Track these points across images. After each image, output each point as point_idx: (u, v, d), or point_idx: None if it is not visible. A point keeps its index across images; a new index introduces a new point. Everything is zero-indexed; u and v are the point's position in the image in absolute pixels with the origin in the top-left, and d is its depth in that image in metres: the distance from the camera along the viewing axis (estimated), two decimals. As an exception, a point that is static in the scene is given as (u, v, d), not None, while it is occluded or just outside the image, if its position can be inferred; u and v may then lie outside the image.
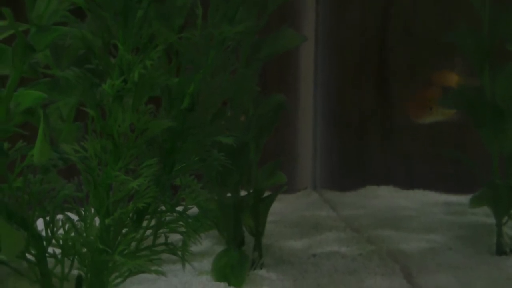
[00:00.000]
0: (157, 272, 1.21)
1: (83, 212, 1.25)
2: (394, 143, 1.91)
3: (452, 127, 1.71)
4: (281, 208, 1.60)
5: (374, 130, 2.00)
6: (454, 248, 1.62)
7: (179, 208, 1.33)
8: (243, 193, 1.66)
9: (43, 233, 1.26)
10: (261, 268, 1.53)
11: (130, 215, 1.24)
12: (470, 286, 1.50)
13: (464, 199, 1.67)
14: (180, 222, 1.30)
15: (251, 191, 1.60)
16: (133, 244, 1.24)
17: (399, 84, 2.03)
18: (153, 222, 1.28)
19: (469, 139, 1.74)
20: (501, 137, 1.60)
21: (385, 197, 1.90)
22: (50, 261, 1.27)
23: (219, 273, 1.44)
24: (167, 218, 1.30)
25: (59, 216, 1.33)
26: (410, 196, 1.89)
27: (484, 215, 1.61)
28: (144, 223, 1.27)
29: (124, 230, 1.23)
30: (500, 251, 1.58)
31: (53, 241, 1.25)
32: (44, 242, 1.25)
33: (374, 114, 2.05)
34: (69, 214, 1.25)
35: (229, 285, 1.42)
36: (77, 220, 1.24)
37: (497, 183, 1.58)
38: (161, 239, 1.28)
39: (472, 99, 1.53)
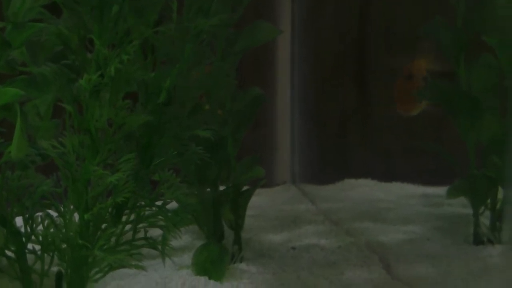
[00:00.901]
0: (137, 267, 1.21)
1: (62, 208, 1.24)
2: (372, 137, 1.91)
3: (429, 121, 1.72)
4: (260, 202, 1.61)
5: (352, 125, 2.00)
6: (432, 239, 1.63)
7: (159, 203, 1.33)
8: (222, 187, 1.57)
9: (22, 230, 1.26)
10: (241, 262, 1.54)
11: (109, 210, 1.23)
12: (447, 275, 1.50)
13: (441, 190, 1.68)
14: (160, 217, 1.30)
15: (230, 185, 1.60)
16: (113, 239, 1.24)
17: (375, 79, 2.03)
18: (132, 217, 1.28)
19: (446, 133, 1.73)
20: (477, 127, 1.60)
21: (364, 190, 1.91)
22: (30, 258, 1.26)
23: (200, 267, 1.45)
24: (147, 212, 1.30)
25: (39, 213, 1.37)
26: (388, 189, 1.89)
27: (461, 206, 1.63)
28: (124, 218, 1.26)
29: (103, 225, 1.23)
30: (477, 241, 1.59)
31: (33, 237, 1.24)
32: (23, 239, 1.25)
33: (351, 109, 2.05)
34: (48, 210, 1.25)
35: (209, 279, 1.43)
36: (56, 216, 1.24)
37: (474, 173, 1.54)
38: (141, 234, 1.27)
39: (448, 91, 1.53)
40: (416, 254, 1.58)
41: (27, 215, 1.28)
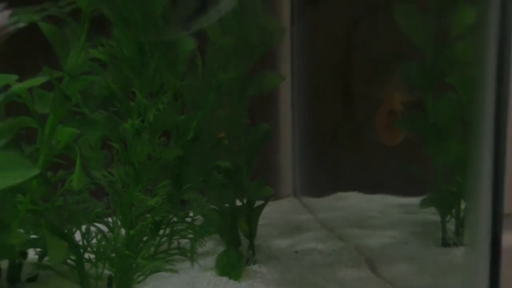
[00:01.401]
0: (171, 271, 1.29)
1: (111, 225, 1.32)
2: (358, 156, 1.90)
3: (405, 144, 1.71)
4: (269, 213, 1.61)
5: (342, 144, 2.00)
6: (409, 242, 1.66)
7: (188, 219, 1.41)
8: (238, 203, 1.60)
9: (80, 243, 1.32)
10: (254, 264, 1.55)
11: (149, 226, 1.30)
12: (421, 272, 1.52)
13: (416, 201, 1.66)
14: (189, 230, 1.41)
15: (244, 202, 1.61)
16: (152, 249, 1.32)
17: (360, 103, 2.02)
18: (167, 231, 1.38)
19: (419, 155, 1.72)
20: (443, 152, 1.56)
21: (352, 201, 1.91)
22: (87, 265, 1.33)
23: (221, 269, 1.46)
24: (179, 227, 1.39)
25: (93, 229, 1.36)
26: (372, 200, 1.90)
27: (431, 214, 1.61)
28: (160, 232, 1.36)
29: (144, 238, 1.31)
30: (445, 243, 1.61)
31: (88, 249, 1.31)
32: (81, 250, 1.31)
33: (341, 131, 2.04)
34: (100, 226, 1.33)
35: (229, 278, 1.44)
36: (107, 231, 1.31)
37: (441, 189, 1.57)
38: (174, 244, 1.37)
39: (420, 123, 1.58)
40: (396, 255, 1.60)
41: (84, 231, 1.34)
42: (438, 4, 1.59)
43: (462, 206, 1.61)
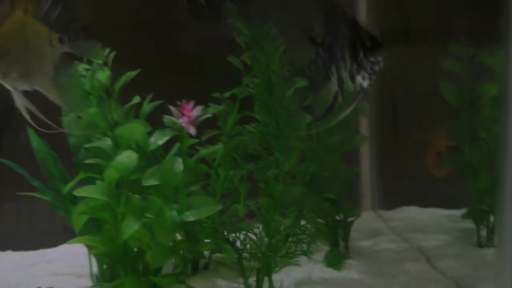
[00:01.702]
0: (295, 264, 1.36)
1: (259, 235, 1.38)
2: (417, 179, 1.86)
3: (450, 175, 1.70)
4: (356, 222, 1.63)
5: (405, 169, 1.90)
6: (454, 244, 1.64)
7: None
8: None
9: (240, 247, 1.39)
10: (348, 259, 1.57)
11: (283, 236, 1.35)
12: (463, 266, 1.49)
13: (458, 213, 1.69)
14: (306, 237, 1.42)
15: (342, 217, 1.59)
16: (284, 250, 1.36)
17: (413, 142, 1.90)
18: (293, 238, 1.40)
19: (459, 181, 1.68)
20: (476, 182, 1.58)
21: (412, 213, 1.91)
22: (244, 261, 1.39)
23: (328, 263, 1.51)
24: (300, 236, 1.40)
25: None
26: (427, 212, 1.89)
27: (469, 223, 1.64)
28: (289, 239, 1.39)
29: (279, 244, 1.35)
30: (480, 245, 1.60)
31: (245, 251, 1.38)
32: (240, 251, 1.38)
33: (402, 159, 1.93)
34: (252, 236, 1.39)
35: (333, 269, 1.48)
36: (256, 240, 1.37)
37: (475, 207, 1.60)
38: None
39: (459, 161, 1.61)
40: (445, 253, 1.58)
41: (242, 239, 1.40)
42: (470, 81, 1.57)
43: (491, 219, 1.57)
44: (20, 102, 1.04)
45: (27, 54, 1.00)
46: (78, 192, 1.18)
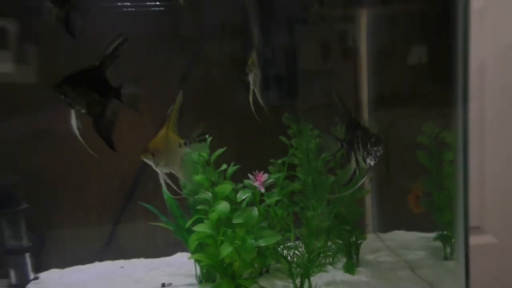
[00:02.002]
0: (325, 271, 1.37)
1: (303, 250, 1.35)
2: (403, 211, 1.73)
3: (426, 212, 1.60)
4: (363, 243, 1.58)
5: (395, 205, 1.78)
6: (429, 258, 1.61)
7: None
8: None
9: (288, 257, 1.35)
10: (359, 267, 1.55)
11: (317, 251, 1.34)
12: (436, 273, 1.47)
13: (432, 236, 1.63)
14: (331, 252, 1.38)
15: (354, 239, 1.57)
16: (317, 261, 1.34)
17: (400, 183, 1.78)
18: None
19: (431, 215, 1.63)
20: (442, 218, 1.54)
21: (402, 235, 1.82)
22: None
23: (345, 269, 1.52)
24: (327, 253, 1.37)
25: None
26: (411, 235, 1.77)
27: (439, 243, 1.57)
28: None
29: (314, 256, 1.34)
30: (446, 258, 1.54)
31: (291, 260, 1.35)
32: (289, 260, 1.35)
33: (395, 196, 1.82)
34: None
35: (349, 274, 1.50)
36: (300, 255, 1.35)
37: (442, 233, 1.54)
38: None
39: (430, 202, 1.60)
40: (423, 264, 1.56)
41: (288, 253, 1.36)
42: (436, 150, 1.53)
43: (452, 241, 1.50)
44: (162, 178, 1.21)
45: (168, 152, 1.14)
46: (195, 228, 1.29)
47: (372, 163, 1.09)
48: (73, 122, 0.97)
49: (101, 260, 1.67)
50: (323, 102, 1.72)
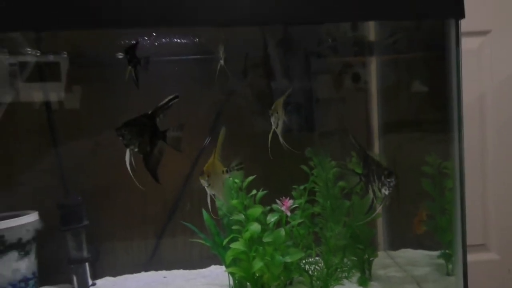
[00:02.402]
0: (342, 284, 1.49)
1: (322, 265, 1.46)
2: (410, 232, 1.73)
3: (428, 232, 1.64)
4: (375, 259, 1.63)
5: (403, 226, 1.79)
6: (433, 273, 1.64)
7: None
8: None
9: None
10: (371, 281, 1.59)
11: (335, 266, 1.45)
12: (439, 287, 1.55)
13: (435, 254, 1.66)
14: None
15: (367, 257, 1.63)
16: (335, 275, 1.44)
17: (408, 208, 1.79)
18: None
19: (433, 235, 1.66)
20: (443, 237, 1.59)
21: (409, 253, 1.83)
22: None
23: (360, 283, 1.59)
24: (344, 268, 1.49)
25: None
26: (417, 253, 1.76)
27: (442, 261, 1.62)
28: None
29: (332, 270, 1.44)
30: (448, 274, 1.58)
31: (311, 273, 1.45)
32: (309, 274, 1.45)
33: (403, 218, 1.82)
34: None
35: (363, 287, 1.56)
36: (320, 269, 1.46)
37: (444, 252, 1.58)
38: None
39: (434, 224, 1.63)
40: (428, 279, 1.59)
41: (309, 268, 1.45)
42: (439, 178, 1.56)
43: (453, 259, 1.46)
44: (209, 198, 1.30)
45: (215, 177, 1.23)
46: (231, 245, 1.44)
47: (386, 192, 1.13)
48: (127, 158, 1.12)
49: (146, 270, 1.83)
50: (340, 134, 1.89)
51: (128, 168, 1.13)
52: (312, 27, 1.64)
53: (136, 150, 1.14)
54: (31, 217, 1.57)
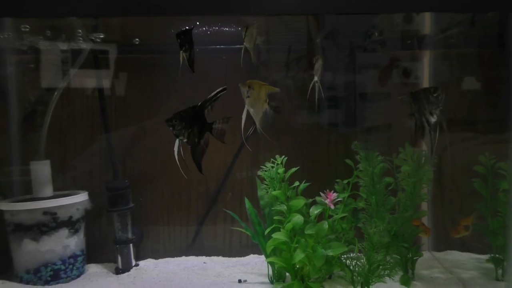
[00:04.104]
0: (384, 282, 1.43)
1: (364, 261, 1.39)
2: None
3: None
4: (419, 259, 1.57)
5: (449, 228, 1.70)
6: (481, 277, 1.57)
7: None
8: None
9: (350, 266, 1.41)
10: (414, 281, 1.56)
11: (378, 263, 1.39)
12: None
13: (484, 257, 1.62)
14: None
15: (411, 256, 1.58)
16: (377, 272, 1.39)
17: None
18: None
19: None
20: (495, 241, 1.53)
21: (454, 255, 1.82)
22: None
23: (402, 282, 1.54)
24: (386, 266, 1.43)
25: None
26: (464, 255, 1.72)
27: (491, 265, 1.57)
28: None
29: (375, 269, 1.40)
30: (497, 279, 1.53)
31: (352, 268, 1.42)
32: (351, 269, 1.41)
33: (449, 219, 1.79)
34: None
35: (405, 287, 1.51)
36: (362, 265, 1.41)
37: (495, 256, 1.53)
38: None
39: (485, 227, 1.56)
40: (476, 283, 1.54)
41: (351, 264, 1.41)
42: (492, 179, 1.52)
43: (504, 264, 1.51)
44: (245, 112, 1.29)
45: (258, 97, 1.27)
46: (273, 235, 1.42)
47: (438, 112, 1.17)
48: (176, 148, 1.16)
49: (187, 255, 1.86)
50: (387, 128, 1.85)
51: (176, 157, 1.16)
52: (361, 18, 1.68)
53: (185, 141, 1.17)
54: (81, 197, 1.60)
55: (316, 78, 1.41)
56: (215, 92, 1.19)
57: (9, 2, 1.01)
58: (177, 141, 1.16)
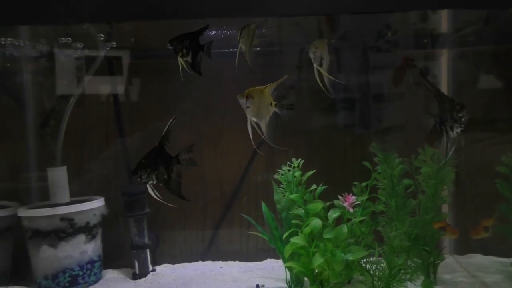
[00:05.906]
0: (405, 286, 1.41)
1: (383, 265, 1.39)
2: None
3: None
4: (441, 263, 1.56)
5: (470, 231, 1.58)
6: (505, 281, 1.54)
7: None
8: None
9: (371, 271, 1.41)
10: (436, 285, 1.53)
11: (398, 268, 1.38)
12: None
13: (508, 261, 1.65)
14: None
15: (432, 260, 1.55)
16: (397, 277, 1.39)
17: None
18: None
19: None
20: None
21: (477, 259, 1.78)
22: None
23: (424, 286, 1.50)
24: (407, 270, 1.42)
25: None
26: (487, 259, 1.77)
27: None
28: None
29: (396, 273, 1.39)
30: None
31: (372, 273, 1.40)
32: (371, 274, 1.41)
33: (471, 222, 1.64)
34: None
35: None
36: (382, 270, 1.39)
37: None
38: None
39: (509, 229, 1.54)
40: (500, 287, 1.51)
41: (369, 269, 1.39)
42: None
43: None
44: (249, 124, 1.23)
45: (260, 104, 1.22)
46: (291, 239, 1.41)
47: (459, 130, 1.14)
48: (151, 192, 1.24)
49: (203, 259, 1.85)
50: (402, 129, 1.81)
51: (155, 197, 1.24)
52: (378, 17, 1.64)
53: (155, 183, 1.22)
54: (98, 203, 1.61)
55: (315, 65, 1.36)
56: (167, 126, 1.22)
57: (22, 11, 1.08)
58: (148, 187, 1.22)
